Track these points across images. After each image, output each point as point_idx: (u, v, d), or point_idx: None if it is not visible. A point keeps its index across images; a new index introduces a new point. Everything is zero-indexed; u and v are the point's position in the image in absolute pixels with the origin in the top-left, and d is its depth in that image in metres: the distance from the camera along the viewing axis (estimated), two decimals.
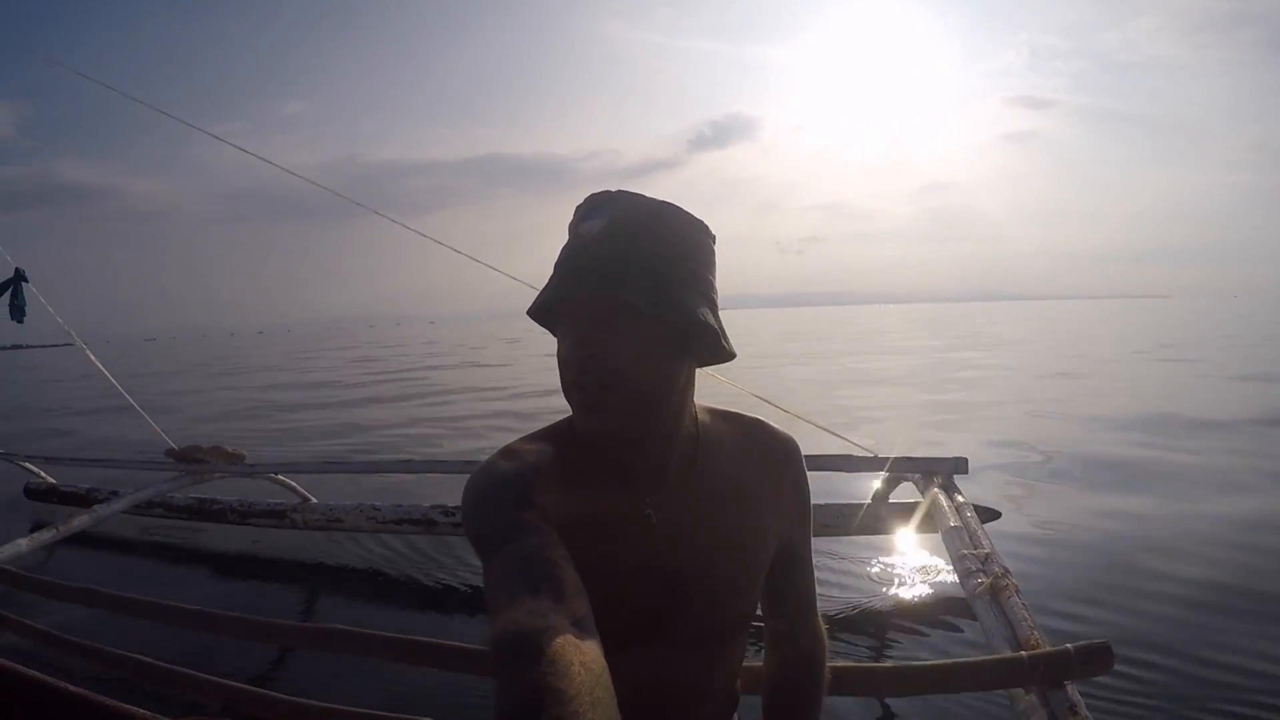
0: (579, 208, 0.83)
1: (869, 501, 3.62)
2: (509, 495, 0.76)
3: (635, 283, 0.76)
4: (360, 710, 1.59)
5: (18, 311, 4.66)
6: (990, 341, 25.13)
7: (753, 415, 0.96)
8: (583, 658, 0.54)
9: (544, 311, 0.86)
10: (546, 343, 0.88)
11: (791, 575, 0.97)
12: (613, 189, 0.83)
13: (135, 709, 1.43)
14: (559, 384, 0.83)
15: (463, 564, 4.05)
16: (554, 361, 0.84)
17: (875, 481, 3.66)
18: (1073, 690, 1.41)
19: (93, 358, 4.96)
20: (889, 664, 1.70)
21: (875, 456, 3.49)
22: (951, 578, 2.50)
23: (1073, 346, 21.38)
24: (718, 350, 0.85)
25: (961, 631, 3.06)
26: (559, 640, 0.55)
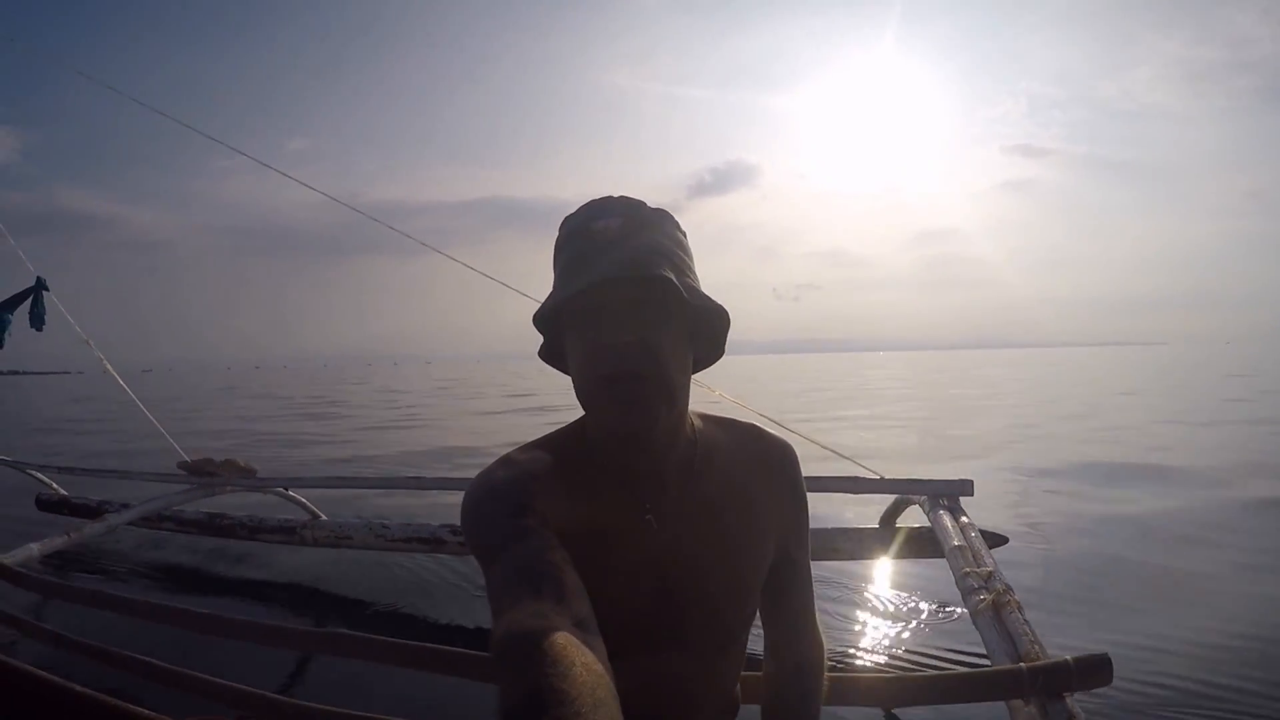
0: (578, 213, 0.83)
1: (876, 525, 3.59)
2: (508, 502, 0.77)
3: (669, 267, 0.78)
4: (366, 715, 1.60)
5: (38, 319, 4.76)
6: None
7: (749, 422, 0.97)
8: (584, 658, 0.55)
9: (561, 308, 0.80)
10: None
11: (790, 581, 0.97)
12: (614, 195, 0.85)
13: (143, 710, 1.43)
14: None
15: (469, 580, 4.04)
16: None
17: (881, 504, 3.64)
18: (1072, 702, 1.41)
19: (109, 366, 5.02)
20: (888, 675, 1.70)
21: (882, 479, 3.47)
22: (955, 597, 2.49)
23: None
24: (716, 342, 0.89)
25: (963, 650, 3.03)
26: (561, 641, 0.56)
